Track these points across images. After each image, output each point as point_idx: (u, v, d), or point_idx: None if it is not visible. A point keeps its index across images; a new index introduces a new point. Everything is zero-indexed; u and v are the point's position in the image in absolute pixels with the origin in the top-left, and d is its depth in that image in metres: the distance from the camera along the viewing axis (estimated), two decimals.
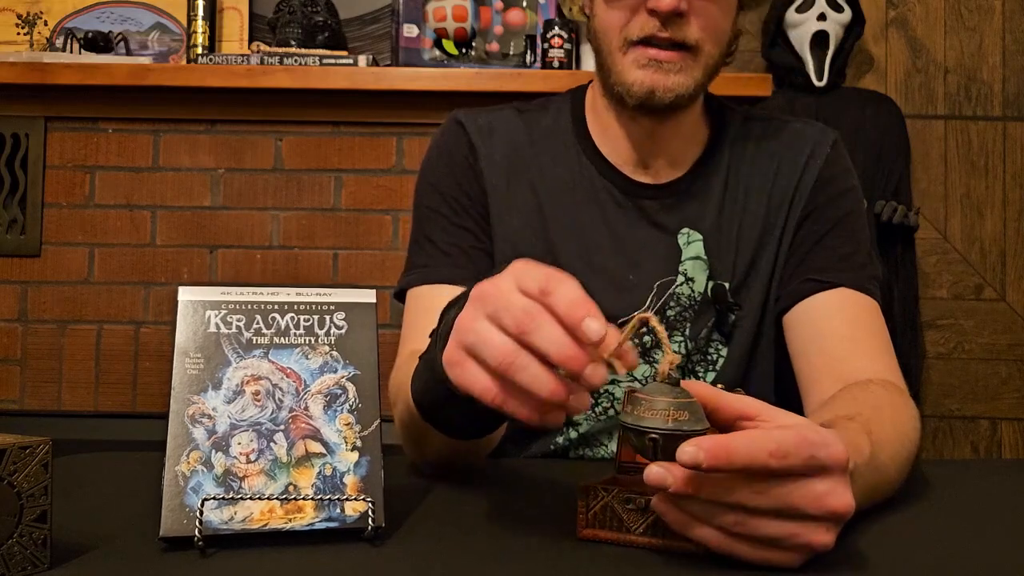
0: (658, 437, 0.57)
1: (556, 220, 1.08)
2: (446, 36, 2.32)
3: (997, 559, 0.63)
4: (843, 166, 1.11)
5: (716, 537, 0.57)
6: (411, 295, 1.09)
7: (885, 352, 1.00)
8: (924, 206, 2.42)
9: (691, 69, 0.98)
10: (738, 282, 1.07)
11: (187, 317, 0.66)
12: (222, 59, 2.20)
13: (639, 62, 0.98)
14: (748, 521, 0.56)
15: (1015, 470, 1.08)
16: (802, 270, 1.05)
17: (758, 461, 0.54)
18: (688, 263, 1.06)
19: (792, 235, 1.07)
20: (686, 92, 0.99)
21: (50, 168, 2.31)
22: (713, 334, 1.06)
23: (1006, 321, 2.45)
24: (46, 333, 2.30)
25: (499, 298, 0.58)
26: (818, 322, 1.01)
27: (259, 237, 2.32)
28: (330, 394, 0.67)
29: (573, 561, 0.60)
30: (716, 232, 1.07)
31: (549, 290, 0.57)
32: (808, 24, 2.28)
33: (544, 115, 1.14)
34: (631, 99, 0.99)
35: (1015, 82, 2.48)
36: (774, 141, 1.11)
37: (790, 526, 0.56)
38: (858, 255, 1.05)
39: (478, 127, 1.12)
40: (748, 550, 0.57)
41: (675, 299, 1.06)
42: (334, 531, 0.63)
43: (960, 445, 2.44)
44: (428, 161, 1.14)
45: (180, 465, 0.63)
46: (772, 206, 1.08)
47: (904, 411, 0.87)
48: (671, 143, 1.08)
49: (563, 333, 0.55)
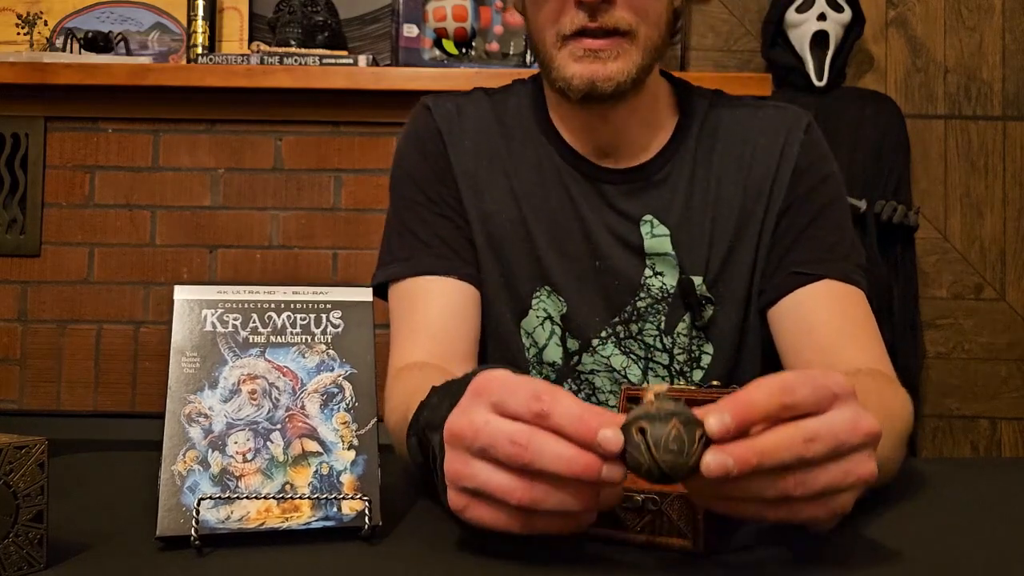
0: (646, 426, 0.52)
1: (529, 204, 1.07)
2: (446, 36, 2.32)
3: (997, 559, 0.63)
4: (819, 152, 1.08)
5: (771, 510, 0.54)
6: (396, 290, 1.07)
7: (873, 341, 0.99)
8: (924, 206, 2.42)
9: (629, 54, 0.96)
10: (713, 276, 1.05)
11: (183, 316, 0.66)
12: (222, 59, 2.20)
13: (575, 55, 0.96)
14: (807, 477, 0.53)
15: (1015, 469, 1.08)
16: (786, 263, 1.03)
17: (774, 401, 0.52)
18: (656, 258, 1.05)
19: (773, 228, 1.05)
20: (628, 78, 0.96)
21: (50, 168, 2.31)
22: (693, 331, 1.05)
23: (1006, 321, 2.45)
24: (45, 333, 2.30)
25: (481, 434, 0.54)
26: (805, 316, 1.00)
27: (259, 237, 2.32)
28: (327, 393, 0.66)
29: (570, 559, 0.60)
30: (685, 223, 1.05)
31: (546, 412, 0.53)
32: (808, 24, 2.28)
33: (510, 97, 1.13)
34: (573, 93, 0.97)
35: (1015, 81, 2.48)
36: (745, 126, 1.08)
37: (842, 465, 0.54)
38: (842, 244, 1.04)
39: (446, 111, 1.11)
40: (806, 507, 0.54)
41: (646, 290, 1.05)
42: (331, 530, 0.63)
43: (960, 444, 2.44)
44: (400, 149, 1.13)
45: (176, 464, 0.63)
46: (749, 196, 1.05)
47: (892, 396, 0.86)
48: (629, 129, 1.05)
49: (566, 445, 0.52)
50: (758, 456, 0.51)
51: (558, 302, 1.06)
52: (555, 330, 1.06)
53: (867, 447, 0.55)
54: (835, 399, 0.54)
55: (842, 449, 0.54)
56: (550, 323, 1.06)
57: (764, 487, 0.53)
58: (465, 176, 1.08)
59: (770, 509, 0.54)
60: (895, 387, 0.90)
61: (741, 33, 2.50)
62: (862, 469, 0.55)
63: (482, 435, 0.54)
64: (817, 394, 0.54)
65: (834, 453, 0.54)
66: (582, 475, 0.52)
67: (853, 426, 0.54)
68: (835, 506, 0.55)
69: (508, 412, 0.54)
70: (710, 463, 0.51)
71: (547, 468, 0.52)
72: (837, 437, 0.53)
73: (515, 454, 0.53)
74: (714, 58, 2.50)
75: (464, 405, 0.57)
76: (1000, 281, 2.45)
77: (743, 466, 0.51)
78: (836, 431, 0.53)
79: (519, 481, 0.53)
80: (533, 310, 1.07)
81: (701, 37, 2.50)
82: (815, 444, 0.53)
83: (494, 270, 1.07)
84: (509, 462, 0.53)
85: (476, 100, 1.13)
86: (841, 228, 1.05)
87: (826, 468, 0.53)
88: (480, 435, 0.54)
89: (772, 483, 0.53)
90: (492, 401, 0.55)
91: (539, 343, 1.07)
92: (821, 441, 0.53)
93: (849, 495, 0.55)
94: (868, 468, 0.55)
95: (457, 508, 0.57)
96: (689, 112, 1.09)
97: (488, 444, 0.54)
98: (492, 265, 1.07)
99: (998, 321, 2.45)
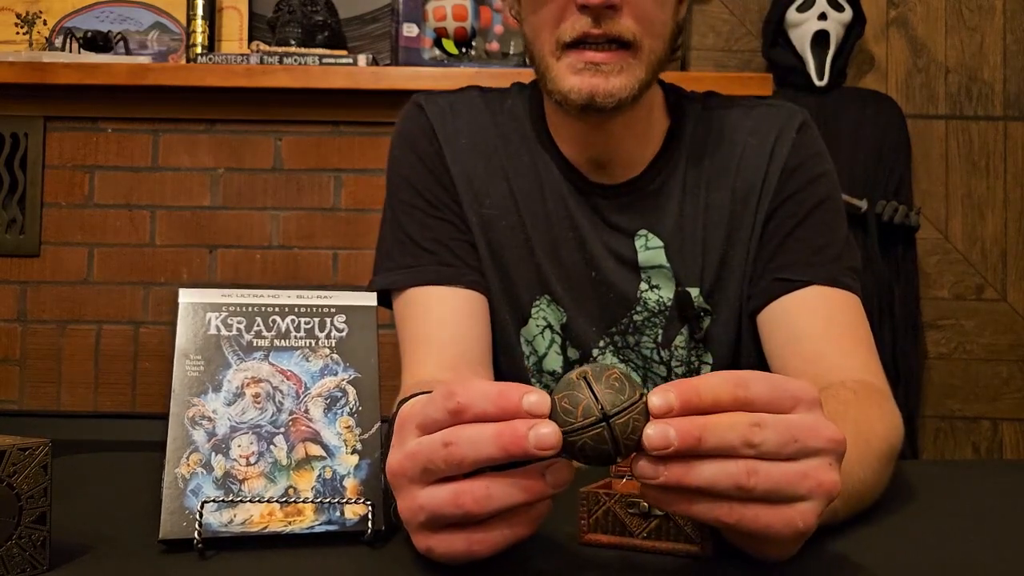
0: (605, 424, 0.50)
1: (528, 209, 1.04)
2: (446, 35, 2.31)
3: (997, 560, 0.63)
4: (812, 151, 1.03)
5: (725, 508, 0.50)
6: (401, 301, 1.04)
7: (861, 349, 0.94)
8: (925, 206, 2.42)
9: (632, 68, 0.91)
10: (710, 285, 1.02)
11: (187, 319, 0.66)
12: (221, 59, 2.20)
13: (574, 67, 0.91)
14: (759, 468, 0.49)
15: (1016, 471, 1.08)
16: (772, 267, 0.99)
17: (724, 390, 0.50)
18: (651, 271, 1.02)
19: (761, 230, 1.01)
20: (629, 94, 0.92)
21: (49, 168, 2.31)
22: (691, 343, 1.02)
23: (1007, 321, 2.45)
24: (45, 333, 2.29)
25: (415, 458, 0.52)
26: (791, 324, 0.96)
27: (259, 237, 2.32)
28: (330, 397, 0.66)
29: (576, 566, 0.60)
30: (678, 234, 1.01)
31: (462, 404, 0.51)
32: (809, 24, 2.28)
33: (506, 99, 1.09)
34: (570, 107, 0.93)
35: (1016, 82, 2.48)
36: (736, 128, 1.04)
37: (798, 466, 0.50)
38: (831, 247, 0.99)
39: (438, 109, 1.07)
40: (761, 513, 0.50)
41: (642, 304, 1.02)
42: (334, 534, 0.63)
43: (961, 446, 2.44)
44: (393, 151, 1.09)
45: (180, 467, 0.63)
46: (737, 199, 1.01)
47: (874, 411, 0.81)
48: (624, 141, 1.01)
49: (488, 425, 0.50)
50: (700, 430, 0.49)
51: (558, 311, 1.04)
52: (555, 339, 1.04)
53: (829, 454, 0.52)
54: (796, 403, 0.52)
55: (798, 448, 0.51)
56: (550, 332, 1.04)
57: (716, 474, 0.49)
58: (462, 177, 1.05)
59: (723, 508, 0.50)
60: (881, 401, 0.85)
61: (742, 33, 2.49)
62: (823, 476, 0.51)
63: (416, 458, 0.52)
64: (774, 393, 0.51)
65: (788, 448, 0.50)
66: (511, 447, 0.49)
67: (813, 429, 0.51)
68: (794, 516, 0.51)
69: (431, 425, 0.52)
70: (651, 434, 0.49)
71: (480, 455, 0.50)
72: (791, 431, 0.50)
73: (447, 455, 0.51)
74: (714, 58, 2.50)
75: (394, 443, 0.56)
76: (1001, 282, 2.45)
77: (685, 439, 0.48)
78: (790, 426, 0.51)
79: (463, 486, 0.51)
80: (533, 318, 1.05)
81: (702, 37, 2.49)
82: (764, 430, 0.50)
83: (494, 277, 1.04)
84: (447, 467, 0.51)
85: (470, 98, 1.09)
86: (832, 230, 1.01)
87: (779, 464, 0.50)
88: (415, 459, 0.52)
89: (723, 468, 0.49)
90: (416, 424, 0.54)
91: (539, 352, 1.05)
92: (772, 429, 0.50)
93: (809, 506, 0.51)
94: (830, 477, 0.51)
95: (424, 550, 0.54)
96: (680, 118, 1.05)
97: (424, 462, 0.52)
98: (492, 272, 1.04)
99: (999, 322, 2.45)
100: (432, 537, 0.53)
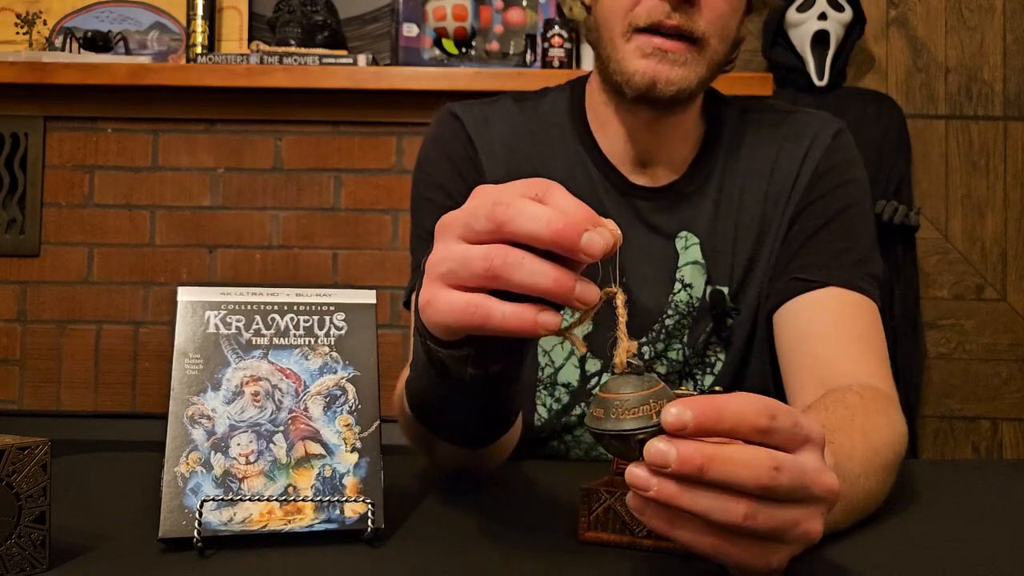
0: (646, 437, 0.49)
1: None
2: (446, 35, 2.31)
3: (998, 560, 0.63)
4: (845, 157, 1.04)
5: (709, 540, 0.49)
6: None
7: (872, 354, 0.94)
8: (925, 206, 2.42)
9: (695, 63, 0.94)
10: (737, 285, 1.02)
11: (186, 318, 0.66)
12: (221, 58, 2.20)
13: (643, 51, 0.93)
14: (759, 512, 0.48)
15: (1016, 471, 1.08)
16: (791, 267, 1.00)
17: (747, 419, 0.48)
18: (686, 268, 1.02)
19: (786, 231, 1.02)
20: (688, 87, 0.94)
21: (49, 168, 2.31)
22: (712, 339, 1.03)
23: (1007, 321, 2.45)
24: (45, 333, 2.29)
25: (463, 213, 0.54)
26: (803, 324, 0.96)
27: (258, 237, 2.32)
28: (330, 395, 0.66)
29: (575, 563, 0.60)
30: (712, 233, 1.02)
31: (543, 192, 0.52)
32: (809, 23, 2.28)
33: (542, 104, 1.10)
34: (630, 90, 0.94)
35: (1016, 81, 2.47)
36: (773, 134, 1.05)
37: (795, 513, 0.49)
38: (853, 251, 0.99)
39: (474, 119, 1.08)
40: (744, 549, 0.49)
41: (674, 307, 1.02)
42: (333, 533, 0.63)
43: (961, 445, 2.44)
44: (425, 155, 1.09)
45: (179, 466, 0.62)
46: (769, 203, 1.03)
47: (880, 418, 0.80)
48: (670, 141, 1.03)
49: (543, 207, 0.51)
50: (706, 460, 0.47)
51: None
52: (574, 351, 1.03)
53: (823, 503, 0.51)
54: (806, 442, 0.51)
55: (803, 494, 0.50)
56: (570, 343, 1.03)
57: (713, 507, 0.47)
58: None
59: (706, 538, 0.49)
60: (887, 408, 0.84)
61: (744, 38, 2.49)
62: (811, 525, 0.50)
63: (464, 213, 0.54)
64: (794, 430, 0.50)
65: (795, 495, 0.49)
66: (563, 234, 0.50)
67: (817, 475, 0.50)
68: (771, 557, 0.50)
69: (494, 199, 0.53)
70: (652, 450, 0.47)
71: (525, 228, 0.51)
72: (803, 479, 0.49)
73: (493, 216, 0.51)
74: None
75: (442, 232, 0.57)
76: (1001, 281, 2.45)
77: (684, 465, 0.47)
78: (804, 472, 0.49)
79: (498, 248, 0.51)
80: None
81: None
82: (781, 475, 0.48)
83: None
84: (487, 228, 0.52)
85: (504, 107, 1.10)
86: (856, 235, 1.01)
87: (780, 509, 0.49)
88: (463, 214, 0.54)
89: (723, 504, 0.47)
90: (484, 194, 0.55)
91: (556, 363, 1.04)
92: (788, 474, 0.48)
93: (788, 549, 0.51)
94: (816, 527, 0.51)
95: (424, 302, 0.56)
96: (718, 121, 1.06)
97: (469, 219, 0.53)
98: None
99: (999, 322, 2.45)
100: (439, 291, 0.54)
